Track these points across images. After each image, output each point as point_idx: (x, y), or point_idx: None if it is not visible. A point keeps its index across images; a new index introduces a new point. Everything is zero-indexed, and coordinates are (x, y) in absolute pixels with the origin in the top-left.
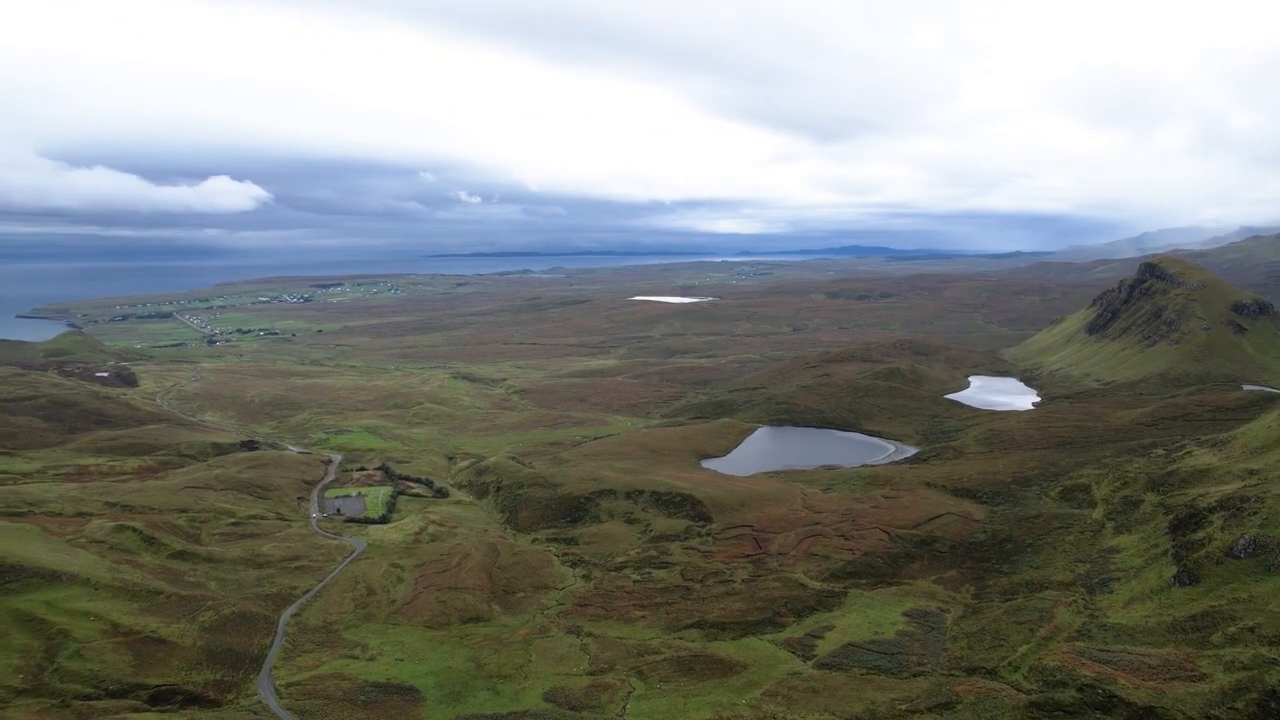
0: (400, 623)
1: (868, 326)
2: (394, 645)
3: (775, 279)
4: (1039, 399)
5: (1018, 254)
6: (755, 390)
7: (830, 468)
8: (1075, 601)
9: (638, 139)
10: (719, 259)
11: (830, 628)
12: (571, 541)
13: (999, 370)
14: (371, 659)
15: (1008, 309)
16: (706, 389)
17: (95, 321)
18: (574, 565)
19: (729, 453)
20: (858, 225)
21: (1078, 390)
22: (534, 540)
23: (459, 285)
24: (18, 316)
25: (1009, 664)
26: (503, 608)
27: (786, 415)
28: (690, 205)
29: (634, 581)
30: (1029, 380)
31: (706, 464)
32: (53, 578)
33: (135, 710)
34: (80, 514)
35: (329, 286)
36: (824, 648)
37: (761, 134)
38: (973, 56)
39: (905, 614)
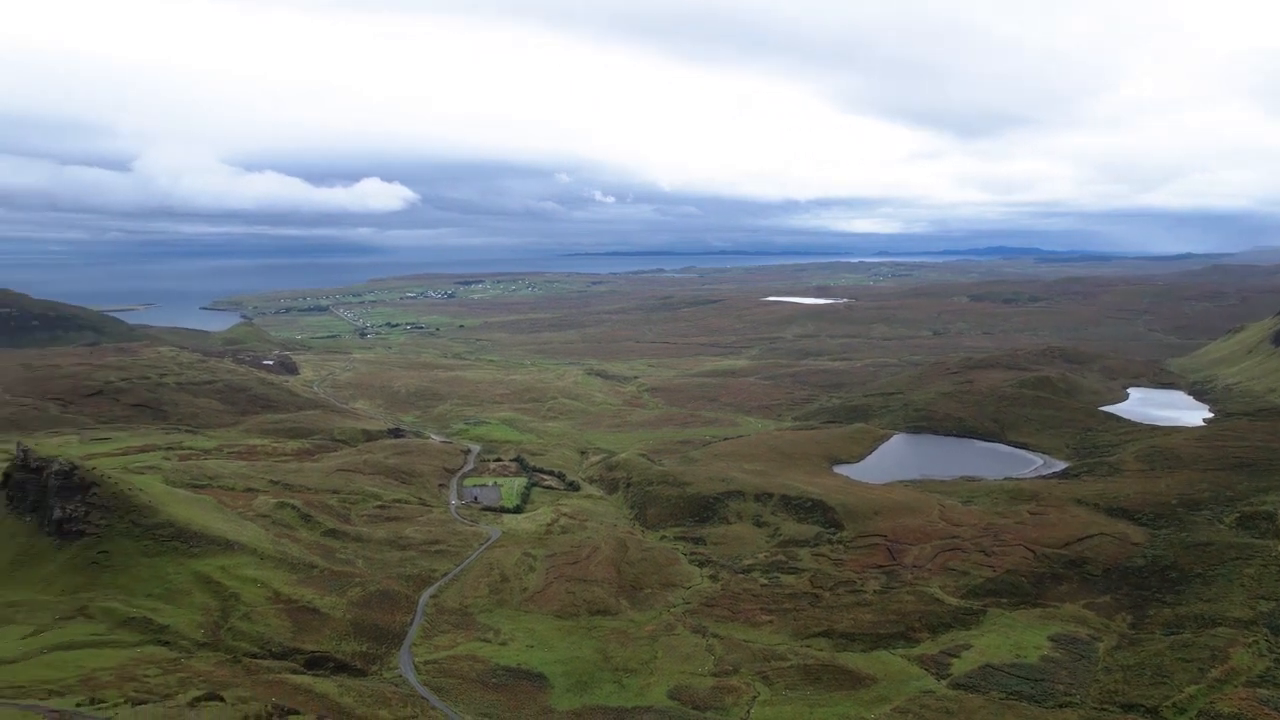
0: (531, 610)
1: (1014, 332)
2: (525, 632)
3: (914, 280)
4: (1211, 415)
5: (1188, 256)
6: (892, 395)
7: (971, 479)
8: (1256, 643)
9: (771, 137)
10: (855, 259)
11: (967, 647)
12: (699, 541)
13: (1163, 382)
14: (503, 643)
15: (1175, 316)
16: (840, 392)
17: (263, 313)
18: (701, 565)
19: (862, 459)
20: (1004, 225)
21: (1261, 407)
22: (662, 538)
23: (594, 284)
24: (201, 308)
25: (1174, 705)
26: (630, 603)
27: (924, 422)
28: (825, 204)
29: (761, 585)
30: (1200, 394)
31: (838, 470)
32: (227, 546)
33: (293, 672)
34: (249, 489)
35: (471, 283)
36: (960, 667)
37: (900, 130)
38: (1135, 42)
39: (1051, 639)
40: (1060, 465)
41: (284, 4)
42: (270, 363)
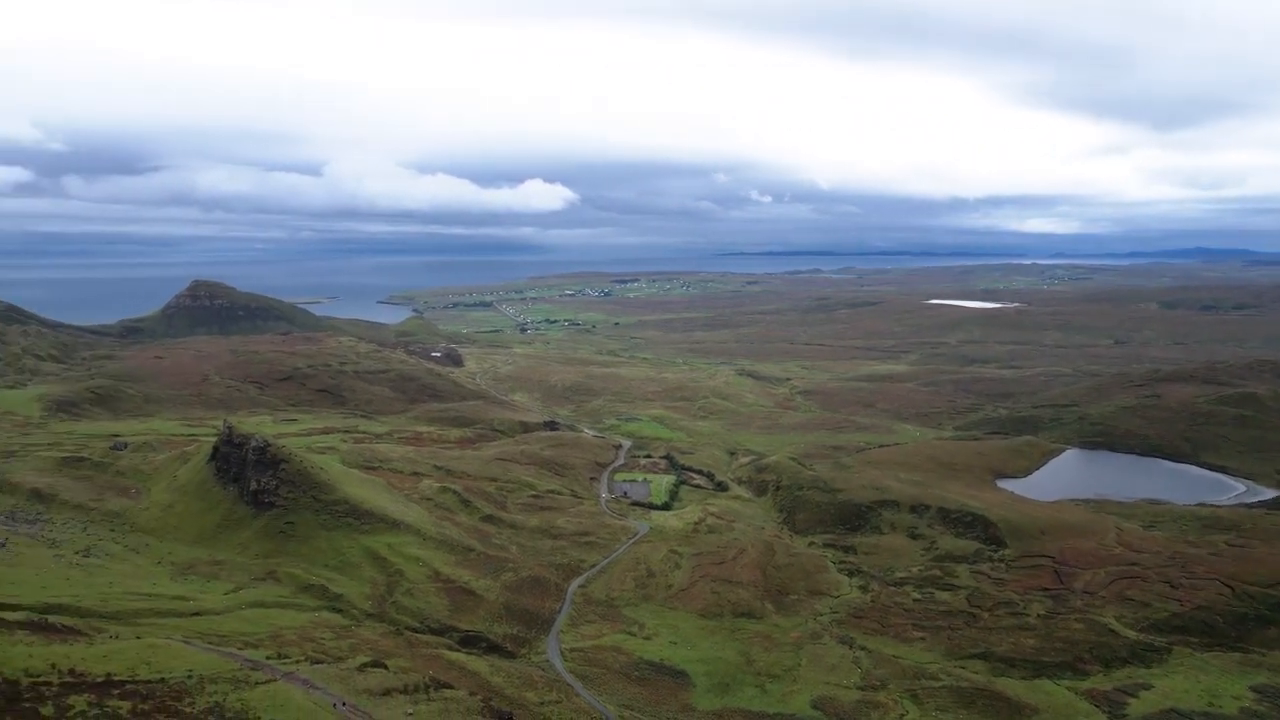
0: (676, 607)
1: (1213, 342)
2: (669, 628)
3: (1095, 284)
4: None
5: None
6: (1065, 408)
7: (1155, 502)
8: None
9: (937, 134)
10: (1028, 261)
11: (1147, 686)
12: (849, 550)
13: None
14: (647, 638)
15: None
16: (1007, 402)
17: (433, 308)
18: (850, 574)
19: (1029, 474)
20: (1206, 224)
21: None
22: (810, 544)
23: (748, 284)
24: (378, 302)
25: None
26: (775, 607)
27: (1101, 438)
28: (995, 203)
29: (914, 600)
30: None
31: (1002, 484)
32: (394, 525)
33: (449, 648)
34: (415, 473)
35: (627, 282)
36: (1138, 708)
37: (1081, 123)
38: None
39: (1254, 689)
40: (1268, 493)
41: (452, 16)
42: (438, 355)
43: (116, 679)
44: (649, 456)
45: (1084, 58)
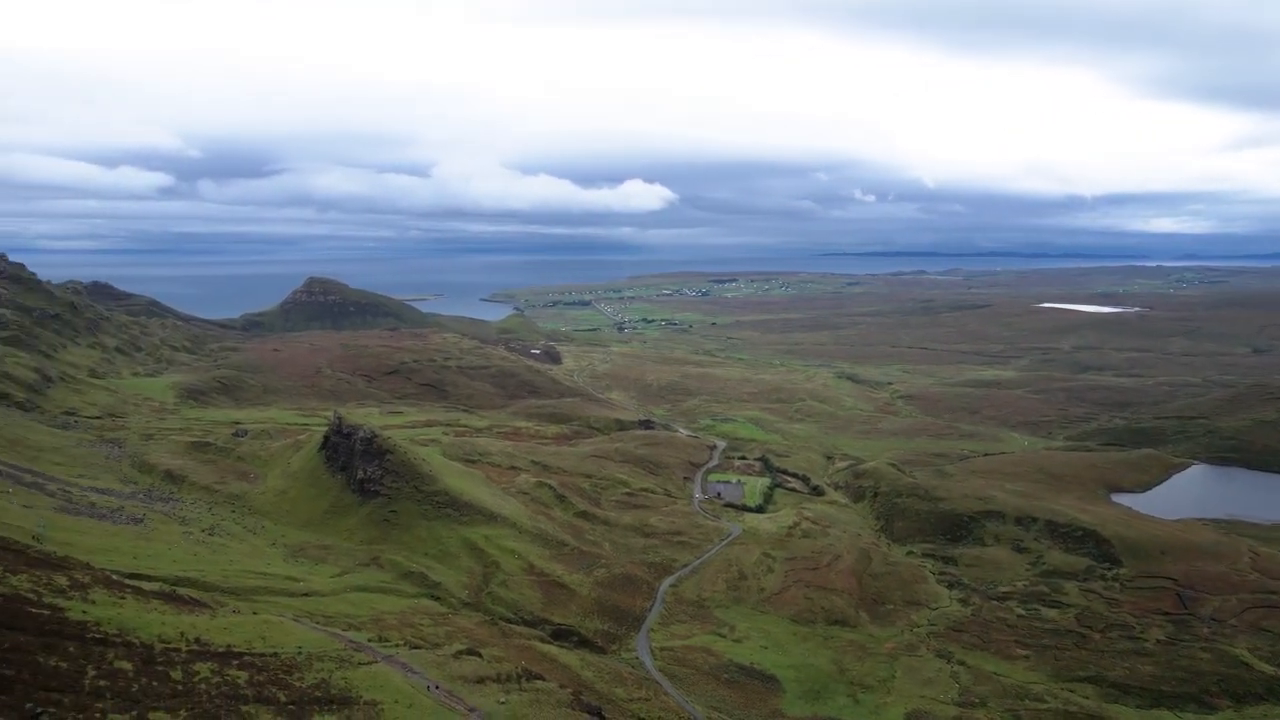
0: (767, 611)
1: None
2: (760, 632)
3: (1230, 289)
4: None
5: None
6: (1191, 420)
7: None
8: None
9: (1054, 129)
10: (1152, 263)
11: None
12: (949, 561)
13: None
14: (738, 640)
15: None
16: (1125, 412)
17: (533, 306)
18: (950, 586)
19: (1149, 489)
20: None
21: None
22: (908, 553)
23: (849, 285)
24: (480, 300)
25: None
26: (870, 616)
27: (1234, 453)
28: (1117, 201)
29: (1018, 616)
30: None
31: (1118, 499)
32: (491, 517)
33: (541, 641)
34: (512, 468)
35: (724, 282)
36: None
37: (1217, 114)
38: None
39: None
40: None
41: (555, 20)
42: (537, 352)
43: (235, 650)
44: (743, 458)
45: (1221, 43)
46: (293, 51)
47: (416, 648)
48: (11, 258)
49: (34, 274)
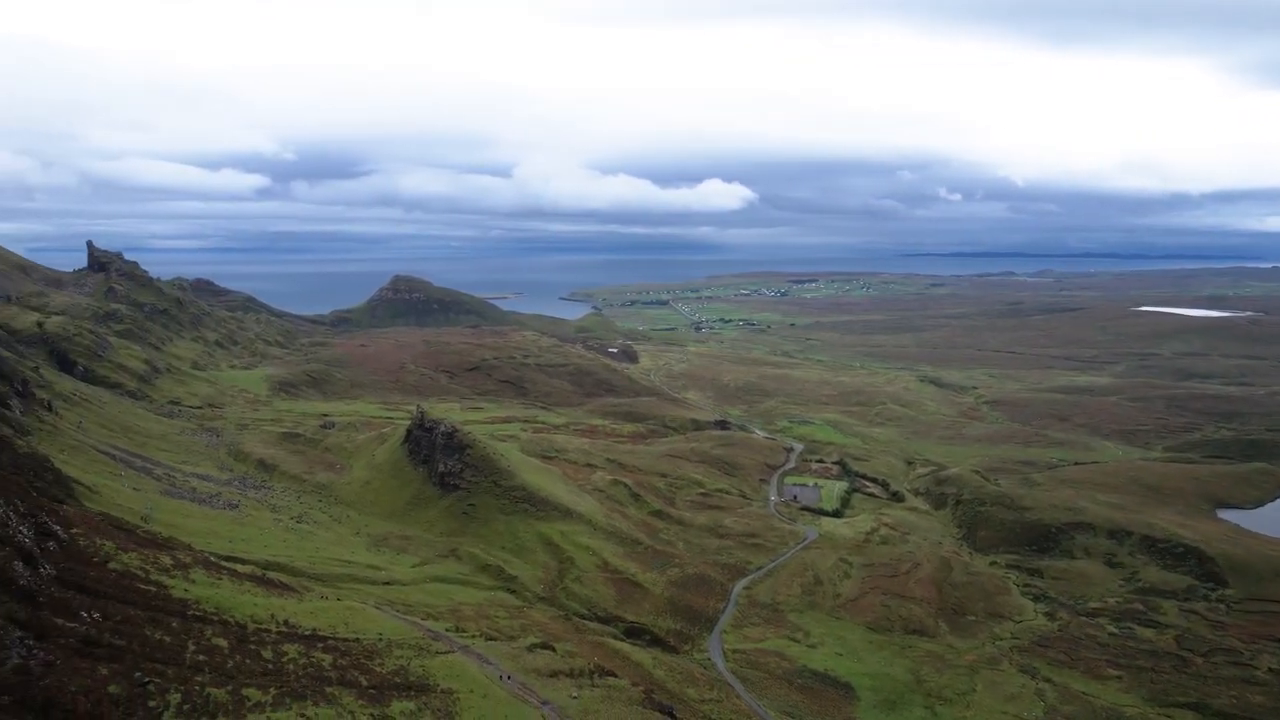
0: (843, 618)
1: None
2: (835, 638)
3: None
4: None
5: None
6: None
7: None
8: None
9: (1155, 123)
10: (1267, 264)
11: None
12: (1035, 573)
13: None
14: (812, 646)
15: None
16: (1233, 423)
17: (611, 305)
18: (1036, 599)
19: (1261, 505)
20: None
21: None
22: (991, 563)
23: (933, 286)
24: (559, 299)
25: None
26: (950, 627)
27: None
28: (1227, 198)
29: (1110, 634)
30: None
31: (1224, 515)
32: (567, 513)
33: (614, 638)
34: (588, 465)
35: (804, 282)
36: None
37: None
38: None
39: None
40: None
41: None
42: (614, 350)
43: (321, 634)
44: (821, 461)
45: None
46: (379, 57)
47: (492, 639)
48: (127, 256)
49: (146, 271)
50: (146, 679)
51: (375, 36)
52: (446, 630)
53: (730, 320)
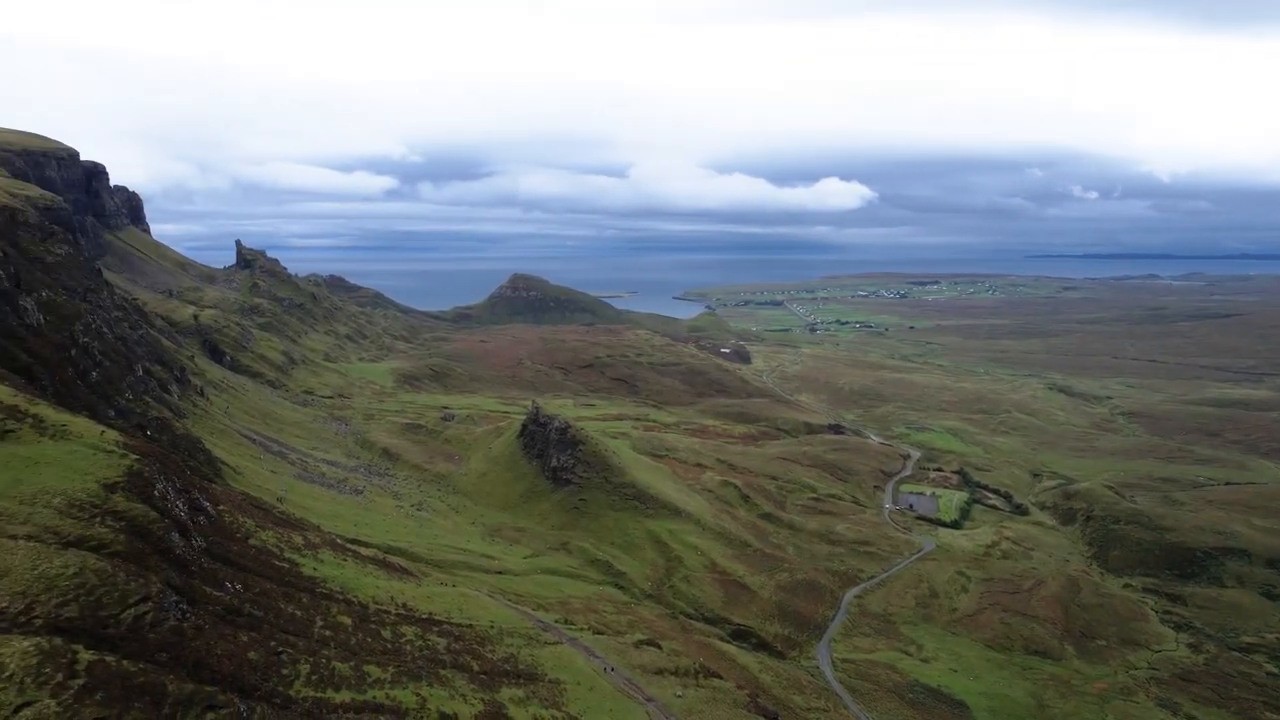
0: (959, 633)
1: None
2: (950, 654)
3: None
4: None
5: None
6: None
7: None
8: None
9: None
10: None
11: None
12: (1177, 599)
13: None
14: (925, 660)
15: None
16: None
17: (724, 305)
18: (1177, 628)
19: None
20: None
21: None
22: (1125, 585)
23: (1065, 289)
24: (673, 298)
25: None
26: (1076, 650)
27: None
28: None
29: (1267, 673)
30: None
31: None
32: (676, 512)
33: (720, 639)
34: (698, 465)
35: (925, 284)
36: None
37: None
38: None
39: None
40: None
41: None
42: (727, 351)
43: (436, 618)
44: (939, 470)
45: None
46: (498, 62)
47: (599, 633)
48: (269, 254)
49: (285, 269)
50: (280, 649)
51: (493, 42)
52: (555, 622)
53: (846, 322)
